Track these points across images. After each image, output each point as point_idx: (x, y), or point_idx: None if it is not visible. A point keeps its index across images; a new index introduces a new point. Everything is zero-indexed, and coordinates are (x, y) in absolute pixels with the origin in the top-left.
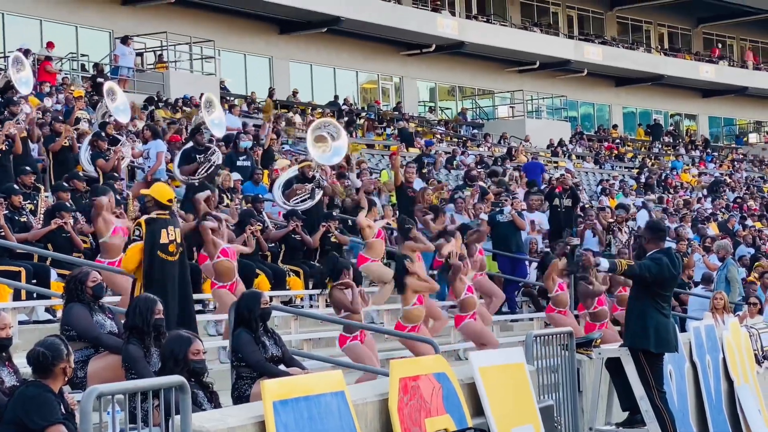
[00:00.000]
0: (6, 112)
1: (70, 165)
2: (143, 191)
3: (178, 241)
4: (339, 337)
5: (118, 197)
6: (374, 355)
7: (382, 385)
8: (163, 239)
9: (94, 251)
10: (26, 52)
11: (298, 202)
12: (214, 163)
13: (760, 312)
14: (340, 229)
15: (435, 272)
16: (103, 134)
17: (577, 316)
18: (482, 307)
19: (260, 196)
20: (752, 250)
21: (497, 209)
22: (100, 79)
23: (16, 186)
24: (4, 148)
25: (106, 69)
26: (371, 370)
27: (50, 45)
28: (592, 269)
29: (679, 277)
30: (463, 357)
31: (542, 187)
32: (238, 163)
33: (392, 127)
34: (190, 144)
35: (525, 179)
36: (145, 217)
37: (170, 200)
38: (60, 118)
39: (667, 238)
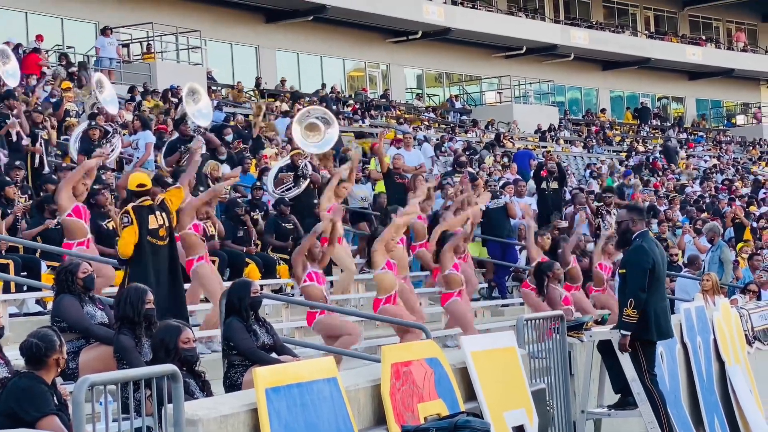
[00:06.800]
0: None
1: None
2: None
3: (167, 224)
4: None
5: (103, 190)
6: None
7: (374, 371)
8: (152, 224)
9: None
10: (16, 47)
11: (284, 191)
12: None
13: (759, 298)
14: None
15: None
16: (94, 123)
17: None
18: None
19: (257, 184)
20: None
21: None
22: (82, 72)
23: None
24: None
25: (92, 61)
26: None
27: (39, 38)
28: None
29: (666, 255)
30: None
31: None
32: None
33: (381, 116)
34: (176, 135)
35: (515, 166)
36: (131, 205)
37: (141, 185)
38: (39, 108)
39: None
